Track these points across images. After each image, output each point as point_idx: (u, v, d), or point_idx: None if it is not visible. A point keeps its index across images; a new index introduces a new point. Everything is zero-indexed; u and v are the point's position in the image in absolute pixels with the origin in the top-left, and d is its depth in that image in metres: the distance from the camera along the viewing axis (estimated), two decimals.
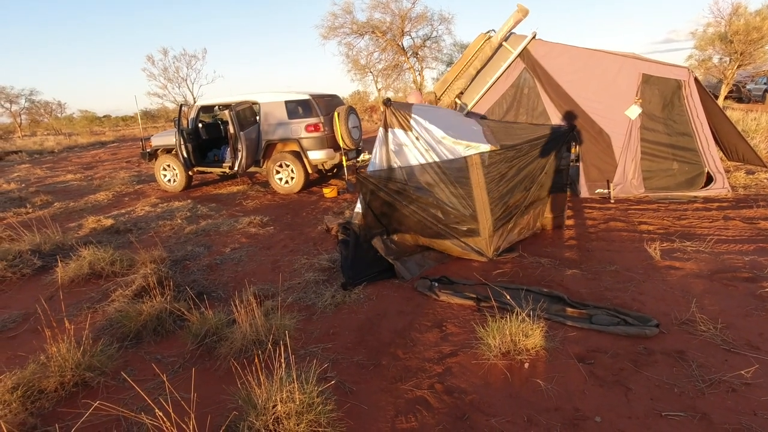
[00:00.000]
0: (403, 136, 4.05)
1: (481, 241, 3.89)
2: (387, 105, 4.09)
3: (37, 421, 2.11)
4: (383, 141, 4.10)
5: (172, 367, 2.58)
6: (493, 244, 3.92)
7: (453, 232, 3.91)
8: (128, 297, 3.38)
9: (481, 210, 3.81)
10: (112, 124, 44.79)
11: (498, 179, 3.87)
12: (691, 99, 5.54)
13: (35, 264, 4.32)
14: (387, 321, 3.02)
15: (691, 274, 3.41)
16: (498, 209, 3.88)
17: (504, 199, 3.93)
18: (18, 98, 35.55)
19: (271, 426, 1.83)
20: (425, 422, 2.05)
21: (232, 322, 2.83)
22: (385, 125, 4.11)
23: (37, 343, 2.79)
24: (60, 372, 2.34)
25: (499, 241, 3.98)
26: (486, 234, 3.86)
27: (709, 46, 14.19)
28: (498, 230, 3.95)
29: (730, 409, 1.99)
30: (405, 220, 4.03)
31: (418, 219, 3.96)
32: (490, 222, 3.84)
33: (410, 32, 21.34)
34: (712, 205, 5.21)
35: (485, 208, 3.80)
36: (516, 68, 6.03)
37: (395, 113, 4.08)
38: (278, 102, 7.17)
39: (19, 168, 13.27)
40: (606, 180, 5.85)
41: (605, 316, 2.83)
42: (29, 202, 7.77)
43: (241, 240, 5.03)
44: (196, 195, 7.81)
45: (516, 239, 4.19)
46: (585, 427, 1.96)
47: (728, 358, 2.36)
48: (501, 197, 3.91)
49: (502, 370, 2.38)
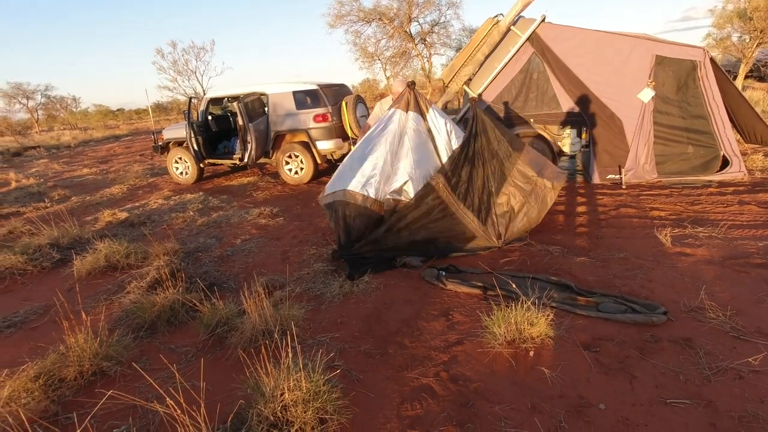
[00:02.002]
0: (420, 121, 4.09)
1: (481, 240, 3.97)
2: (411, 87, 4.12)
3: (58, 408, 2.21)
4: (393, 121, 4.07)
5: (186, 357, 2.67)
6: (494, 234, 3.97)
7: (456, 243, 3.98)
8: (143, 289, 3.48)
9: (463, 215, 3.92)
10: (125, 117, 45.41)
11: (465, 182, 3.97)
12: (707, 80, 5.39)
13: (54, 257, 4.46)
14: (394, 310, 3.06)
15: (702, 261, 3.36)
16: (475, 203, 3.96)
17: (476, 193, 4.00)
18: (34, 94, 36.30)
19: (279, 413, 1.89)
20: (430, 409, 2.09)
21: (242, 313, 2.89)
22: (407, 107, 4.11)
23: (56, 334, 2.90)
24: (79, 362, 2.43)
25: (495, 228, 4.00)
26: (480, 232, 3.96)
27: (727, 24, 13.67)
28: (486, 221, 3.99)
29: (737, 397, 1.99)
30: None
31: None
32: (474, 220, 3.94)
33: (418, 18, 21.02)
34: (727, 190, 5.10)
35: (465, 212, 3.92)
36: (525, 53, 5.92)
37: (418, 98, 4.14)
38: (286, 93, 7.18)
39: (37, 163, 13.59)
40: (618, 165, 5.75)
41: (612, 303, 2.82)
42: (47, 196, 7.97)
43: (251, 231, 5.10)
44: (208, 187, 7.91)
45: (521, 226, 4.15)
46: (589, 414, 1.98)
47: (737, 345, 2.35)
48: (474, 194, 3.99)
49: (507, 358, 2.40)
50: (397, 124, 4.09)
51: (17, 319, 3.32)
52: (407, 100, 4.13)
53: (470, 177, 3.99)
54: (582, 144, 6.17)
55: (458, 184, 3.94)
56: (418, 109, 4.13)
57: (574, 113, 5.91)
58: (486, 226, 3.97)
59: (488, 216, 4.00)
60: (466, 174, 3.98)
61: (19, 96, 35.44)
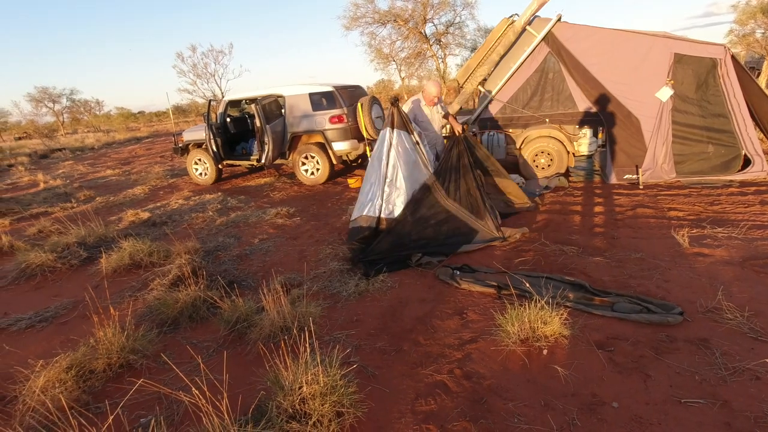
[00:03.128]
0: (407, 137, 4.25)
1: (485, 233, 4.17)
2: (394, 104, 4.19)
3: (89, 398, 2.32)
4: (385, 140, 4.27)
5: (207, 351, 2.76)
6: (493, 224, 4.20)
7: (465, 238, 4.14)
8: (165, 286, 3.60)
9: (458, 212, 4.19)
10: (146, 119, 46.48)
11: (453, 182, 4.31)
12: (728, 78, 5.29)
13: (81, 255, 4.64)
14: (409, 308, 3.11)
15: (720, 261, 3.32)
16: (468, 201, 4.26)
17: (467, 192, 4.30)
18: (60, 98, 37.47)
19: (297, 406, 1.96)
20: (444, 405, 2.14)
21: (261, 310, 2.98)
22: (392, 125, 4.25)
23: (86, 328, 3.04)
24: (107, 354, 2.55)
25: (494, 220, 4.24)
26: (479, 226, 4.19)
27: (750, 19, 13.32)
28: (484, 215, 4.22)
29: (753, 397, 1.98)
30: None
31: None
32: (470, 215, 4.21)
33: (433, 19, 21.06)
34: (748, 190, 5.00)
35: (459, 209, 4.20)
36: (540, 53, 5.91)
37: (402, 115, 4.29)
38: (302, 95, 7.29)
39: (63, 165, 14.05)
40: (635, 165, 5.69)
41: (627, 303, 2.82)
42: (74, 197, 8.25)
43: (268, 231, 5.21)
44: (226, 188, 8.08)
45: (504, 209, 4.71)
46: (601, 412, 2.00)
47: (755, 346, 2.33)
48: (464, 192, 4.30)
49: (520, 356, 2.43)
50: (386, 143, 4.22)
51: (48, 314, 3.48)
52: (392, 117, 4.23)
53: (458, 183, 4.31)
54: (598, 144, 6.12)
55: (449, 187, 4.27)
56: (402, 125, 4.24)
57: (590, 113, 5.87)
58: (484, 221, 4.18)
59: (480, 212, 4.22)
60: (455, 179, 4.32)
61: (45, 100, 36.67)
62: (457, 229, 4.15)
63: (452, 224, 4.17)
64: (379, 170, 4.24)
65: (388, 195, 4.19)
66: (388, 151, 4.22)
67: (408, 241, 4.04)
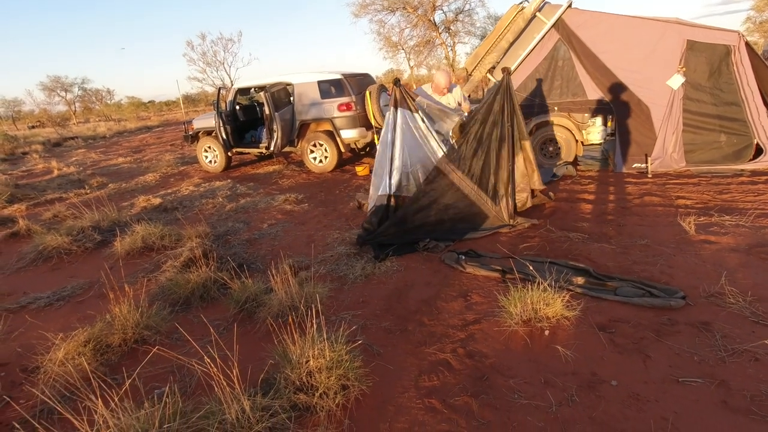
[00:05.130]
0: (410, 116, 4.24)
1: (494, 219, 4.17)
2: (397, 85, 4.23)
3: (106, 370, 2.43)
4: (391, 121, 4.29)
5: (218, 329, 2.85)
6: (506, 213, 4.17)
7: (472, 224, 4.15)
8: (177, 267, 3.70)
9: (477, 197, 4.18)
10: (156, 108, 46.80)
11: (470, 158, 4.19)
12: (741, 65, 5.20)
13: (96, 239, 4.76)
14: (414, 291, 3.17)
15: (726, 248, 3.33)
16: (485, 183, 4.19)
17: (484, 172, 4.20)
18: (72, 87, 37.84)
19: (304, 378, 2.03)
20: (446, 381, 2.20)
21: (269, 290, 3.06)
22: (395, 104, 4.27)
23: (102, 305, 3.15)
24: (122, 329, 2.65)
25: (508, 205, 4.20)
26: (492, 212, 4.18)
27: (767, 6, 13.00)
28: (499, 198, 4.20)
29: (751, 377, 2.02)
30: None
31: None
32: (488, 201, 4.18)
33: (442, 6, 20.83)
34: (759, 179, 4.95)
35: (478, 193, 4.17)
36: (550, 40, 5.86)
37: (404, 94, 4.27)
38: (311, 82, 7.32)
39: (76, 153, 14.27)
40: (644, 154, 5.65)
41: (630, 288, 2.84)
42: (87, 183, 8.41)
43: (277, 216, 5.29)
44: (236, 175, 8.18)
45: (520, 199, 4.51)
46: (600, 390, 2.04)
47: (755, 329, 2.35)
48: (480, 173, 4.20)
49: (522, 336, 2.48)
50: (389, 123, 4.24)
51: (66, 293, 3.60)
52: (395, 97, 4.24)
53: (487, 157, 4.16)
54: (608, 132, 6.08)
55: (469, 165, 4.16)
56: (405, 105, 4.25)
57: (600, 101, 5.82)
58: (499, 207, 4.16)
59: (499, 195, 4.18)
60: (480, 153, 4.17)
61: (58, 89, 37.07)
62: (466, 215, 4.15)
63: (462, 210, 4.15)
64: (386, 151, 4.28)
65: (395, 174, 4.21)
66: (392, 131, 4.25)
67: (414, 226, 4.08)
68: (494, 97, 4.22)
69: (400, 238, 3.98)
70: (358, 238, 4.09)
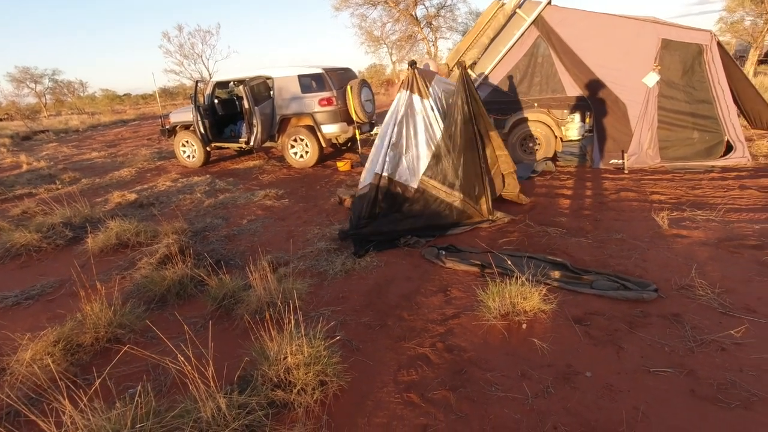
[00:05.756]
0: (419, 103, 4.16)
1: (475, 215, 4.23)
2: (412, 66, 4.15)
3: (77, 370, 2.35)
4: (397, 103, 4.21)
5: (195, 327, 2.80)
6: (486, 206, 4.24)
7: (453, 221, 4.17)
8: (153, 264, 3.61)
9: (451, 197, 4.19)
10: (132, 102, 45.54)
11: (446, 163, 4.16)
12: (713, 64, 5.35)
13: (67, 235, 4.61)
14: (394, 286, 3.17)
15: (697, 242, 3.43)
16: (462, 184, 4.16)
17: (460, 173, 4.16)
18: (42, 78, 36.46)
19: (282, 375, 2.01)
20: (425, 375, 2.21)
21: (248, 287, 3.02)
22: (409, 87, 4.19)
23: (73, 304, 3.05)
24: (95, 328, 2.58)
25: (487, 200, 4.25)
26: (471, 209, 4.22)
27: (739, 7, 13.40)
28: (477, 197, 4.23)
29: (718, 366, 2.08)
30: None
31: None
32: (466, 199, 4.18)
33: (423, 1, 20.79)
34: (729, 175, 5.12)
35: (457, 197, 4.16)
36: (530, 36, 5.91)
37: (417, 78, 4.17)
38: (291, 77, 7.22)
39: (47, 147, 13.78)
40: (621, 150, 5.77)
41: (606, 281, 2.91)
42: (58, 178, 8.13)
43: (257, 212, 5.22)
44: (215, 170, 8.03)
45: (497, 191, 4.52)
46: (575, 381, 2.08)
47: (722, 320, 2.43)
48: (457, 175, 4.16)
49: (500, 330, 2.51)
50: (395, 105, 4.21)
51: (35, 292, 3.48)
52: (408, 79, 4.18)
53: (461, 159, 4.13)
54: (586, 128, 6.18)
55: (447, 170, 4.14)
56: (417, 89, 4.18)
57: (578, 98, 5.92)
58: (478, 204, 4.19)
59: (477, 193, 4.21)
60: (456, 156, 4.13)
61: (27, 80, 35.67)
62: (446, 213, 4.18)
63: (443, 209, 4.18)
64: (387, 130, 4.21)
65: (391, 156, 4.16)
66: (396, 113, 4.19)
67: (396, 220, 4.07)
68: (458, 96, 4.13)
69: (382, 233, 3.97)
70: (339, 232, 4.07)
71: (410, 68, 4.19)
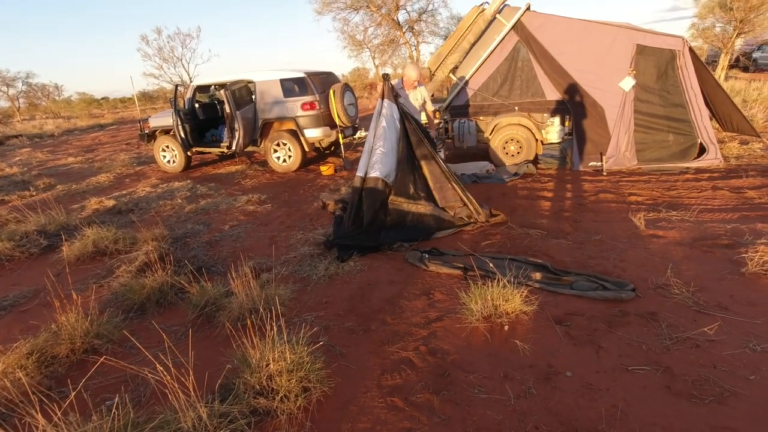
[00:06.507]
0: (393, 107, 4.28)
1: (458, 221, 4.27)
2: (386, 79, 4.30)
3: (51, 383, 2.29)
4: (378, 110, 4.35)
5: (175, 335, 2.75)
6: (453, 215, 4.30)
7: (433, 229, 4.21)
8: (132, 272, 3.54)
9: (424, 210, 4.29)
10: (110, 106, 44.57)
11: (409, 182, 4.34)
12: (686, 69, 5.52)
13: (41, 244, 4.48)
14: (378, 290, 3.17)
15: (672, 242, 3.52)
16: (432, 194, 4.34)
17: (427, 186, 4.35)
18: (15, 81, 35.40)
19: (264, 382, 1.99)
20: (409, 379, 2.22)
21: (229, 293, 2.98)
22: (383, 96, 4.33)
23: (48, 314, 2.97)
24: (70, 339, 2.51)
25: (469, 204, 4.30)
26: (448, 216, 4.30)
27: (709, 14, 13.89)
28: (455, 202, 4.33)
29: (692, 363, 2.14)
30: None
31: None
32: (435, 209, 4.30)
33: (405, 6, 20.96)
34: (702, 176, 5.28)
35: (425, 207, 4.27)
36: (510, 41, 6.00)
37: (390, 88, 4.34)
38: (273, 80, 7.18)
39: (20, 152, 13.38)
40: (599, 153, 5.90)
41: (585, 282, 2.96)
42: (32, 185, 7.90)
43: (239, 217, 5.16)
44: (196, 175, 7.91)
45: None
46: (556, 381, 2.12)
47: (697, 318, 2.50)
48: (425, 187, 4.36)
49: (483, 332, 2.53)
50: (379, 111, 4.28)
51: (7, 302, 3.37)
52: (383, 89, 4.31)
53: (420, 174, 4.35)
54: (565, 132, 6.30)
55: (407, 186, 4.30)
56: (391, 97, 4.30)
57: (558, 101, 6.03)
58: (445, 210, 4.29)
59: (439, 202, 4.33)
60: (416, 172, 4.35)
61: None
62: (428, 219, 4.21)
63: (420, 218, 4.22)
64: (369, 136, 4.32)
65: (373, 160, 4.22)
66: (377, 119, 4.29)
67: (381, 227, 4.08)
68: (401, 120, 4.33)
69: (366, 240, 3.96)
70: (325, 242, 4.03)
71: (384, 80, 4.32)
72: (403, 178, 4.28)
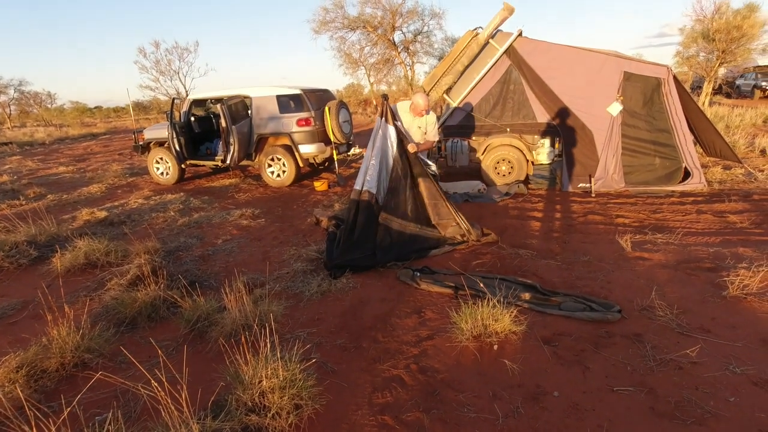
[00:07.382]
0: (391, 129, 4.36)
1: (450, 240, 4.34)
2: (385, 99, 4.42)
3: (41, 397, 2.27)
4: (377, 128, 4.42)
5: (167, 350, 2.75)
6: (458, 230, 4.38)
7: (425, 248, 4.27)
8: (123, 285, 3.53)
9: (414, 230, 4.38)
10: (103, 115, 44.44)
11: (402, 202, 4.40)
12: (670, 96, 5.73)
13: (31, 254, 4.45)
14: (370, 307, 3.20)
15: (657, 265, 3.62)
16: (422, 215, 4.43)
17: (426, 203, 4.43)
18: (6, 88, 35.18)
19: (256, 399, 2.01)
20: (399, 397, 2.24)
21: (222, 309, 2.99)
22: (382, 115, 4.43)
23: (38, 327, 2.95)
24: (60, 353, 2.50)
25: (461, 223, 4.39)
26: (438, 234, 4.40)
27: (693, 43, 14.43)
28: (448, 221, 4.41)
29: (675, 385, 2.20)
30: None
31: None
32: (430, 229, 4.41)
33: (401, 27, 21.43)
34: (687, 200, 5.43)
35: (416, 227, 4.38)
36: (502, 65, 6.19)
37: (389, 108, 4.42)
38: (270, 96, 7.28)
39: (9, 160, 13.26)
40: (588, 175, 6.05)
41: (573, 303, 3.03)
42: (22, 194, 7.84)
43: (232, 232, 5.18)
44: (189, 188, 7.92)
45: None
46: (544, 401, 2.16)
47: (680, 340, 2.57)
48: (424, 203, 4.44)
49: (473, 351, 2.57)
50: (378, 130, 4.37)
51: None
52: (383, 110, 4.39)
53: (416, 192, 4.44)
54: (555, 153, 6.46)
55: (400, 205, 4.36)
56: (390, 119, 4.40)
57: (548, 124, 6.20)
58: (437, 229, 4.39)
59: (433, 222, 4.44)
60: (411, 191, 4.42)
61: None
62: (422, 239, 4.28)
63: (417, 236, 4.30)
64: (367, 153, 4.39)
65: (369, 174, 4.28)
66: (374, 137, 4.37)
67: (375, 246, 4.11)
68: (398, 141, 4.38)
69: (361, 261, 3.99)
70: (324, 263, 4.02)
71: (384, 100, 4.41)
72: (397, 197, 4.33)
